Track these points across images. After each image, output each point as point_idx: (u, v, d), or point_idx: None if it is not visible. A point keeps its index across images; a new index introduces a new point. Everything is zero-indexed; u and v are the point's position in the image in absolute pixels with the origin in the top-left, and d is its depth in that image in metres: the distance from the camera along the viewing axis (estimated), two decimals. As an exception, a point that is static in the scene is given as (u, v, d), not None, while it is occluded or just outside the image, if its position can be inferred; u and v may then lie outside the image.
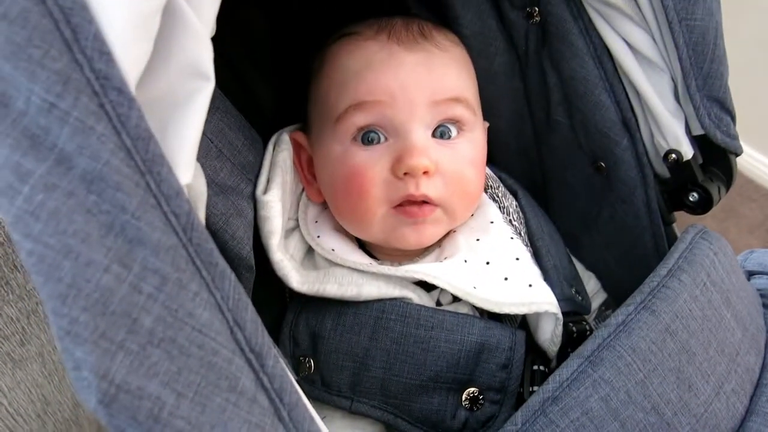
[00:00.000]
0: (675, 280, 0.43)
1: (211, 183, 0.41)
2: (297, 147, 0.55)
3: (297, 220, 0.56)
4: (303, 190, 0.57)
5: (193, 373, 0.24)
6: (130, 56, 0.26)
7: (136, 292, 0.24)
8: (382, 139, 0.51)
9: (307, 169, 0.56)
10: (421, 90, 0.50)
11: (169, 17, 0.28)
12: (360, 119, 0.50)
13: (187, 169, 0.28)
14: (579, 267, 0.64)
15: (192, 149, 0.29)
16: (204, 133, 0.42)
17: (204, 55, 0.29)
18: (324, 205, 0.57)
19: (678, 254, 0.46)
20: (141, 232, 0.24)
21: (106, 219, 0.24)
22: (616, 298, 0.64)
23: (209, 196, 0.40)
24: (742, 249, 1.63)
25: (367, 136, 0.50)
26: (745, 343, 0.45)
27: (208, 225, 0.40)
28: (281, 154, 0.52)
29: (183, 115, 0.29)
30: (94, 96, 0.25)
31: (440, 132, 0.51)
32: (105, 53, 0.25)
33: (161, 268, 0.25)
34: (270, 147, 0.53)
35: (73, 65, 0.24)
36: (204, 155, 0.42)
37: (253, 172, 0.50)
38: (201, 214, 0.31)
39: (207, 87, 0.30)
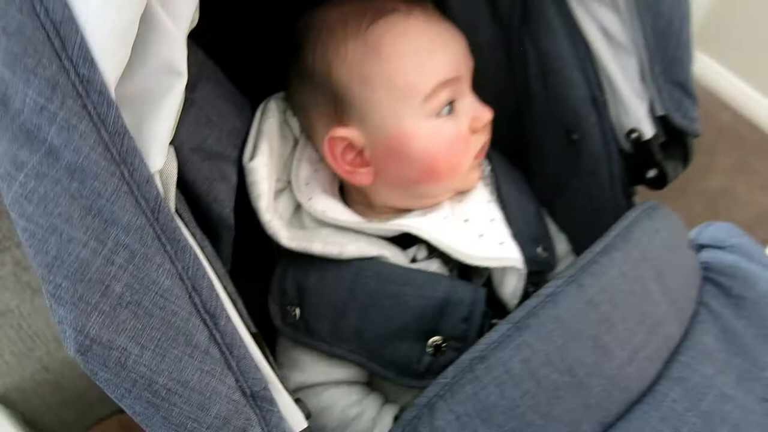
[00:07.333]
0: (606, 257, 0.48)
1: (198, 149, 0.47)
2: (333, 144, 0.56)
3: (285, 181, 0.61)
4: (291, 152, 0.62)
5: (155, 329, 0.31)
6: (110, 61, 0.31)
7: (109, 263, 0.30)
8: (451, 107, 0.56)
9: (350, 160, 0.57)
10: (466, 60, 0.57)
11: (146, 24, 0.32)
12: (445, 95, 0.55)
13: (159, 157, 0.34)
14: (554, 228, 0.70)
15: (165, 139, 0.34)
16: (195, 102, 0.47)
17: (177, 55, 0.34)
18: (315, 169, 0.61)
19: (615, 232, 0.51)
20: (114, 214, 0.30)
21: (85, 203, 0.30)
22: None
23: (196, 162, 0.46)
24: (750, 206, 1.63)
25: (447, 109, 0.56)
26: (670, 315, 0.50)
27: (194, 188, 0.45)
28: (267, 122, 0.57)
29: (158, 110, 0.34)
30: (78, 98, 0.30)
31: None
32: (88, 60, 0.30)
33: (130, 244, 0.30)
34: (258, 114, 0.58)
35: (61, 71, 0.29)
36: (194, 123, 0.47)
37: (240, 138, 0.55)
38: (171, 194, 0.37)
39: (180, 83, 0.34)
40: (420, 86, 0.53)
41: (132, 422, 0.89)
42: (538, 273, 0.60)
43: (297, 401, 0.39)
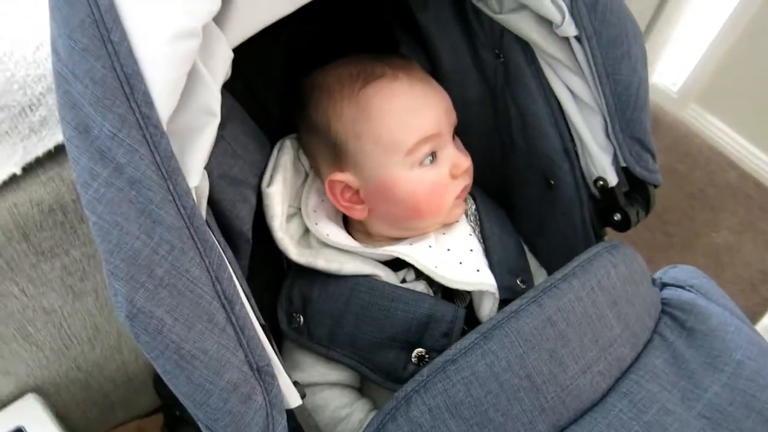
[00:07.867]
0: (565, 283, 0.56)
1: (224, 176, 0.57)
2: (333, 186, 0.67)
3: (296, 208, 0.71)
4: (302, 183, 0.72)
5: (185, 307, 0.40)
6: (165, 104, 0.41)
7: (154, 253, 0.39)
8: (433, 157, 0.66)
9: (347, 198, 0.67)
10: (448, 115, 0.66)
11: (191, 78, 0.42)
12: (427, 148, 0.65)
13: (196, 176, 0.43)
14: (535, 263, 0.78)
15: (201, 163, 0.44)
16: (224, 137, 0.57)
17: (213, 100, 0.44)
18: (322, 200, 0.71)
19: (576, 263, 0.59)
20: (161, 216, 0.39)
21: (140, 207, 0.39)
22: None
23: (222, 186, 0.55)
24: (755, 263, 1.68)
25: (429, 159, 0.65)
26: (623, 338, 0.58)
27: (220, 207, 0.54)
28: (283, 157, 0.68)
29: (197, 141, 0.43)
30: (140, 129, 0.39)
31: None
32: (149, 103, 0.40)
33: (171, 240, 0.40)
34: (275, 151, 0.68)
35: (129, 110, 0.39)
36: (222, 154, 0.57)
37: (260, 168, 0.65)
38: (203, 206, 0.46)
39: (214, 122, 0.44)
40: (403, 142, 0.63)
41: (150, 428, 0.97)
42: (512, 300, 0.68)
43: (294, 383, 0.48)
